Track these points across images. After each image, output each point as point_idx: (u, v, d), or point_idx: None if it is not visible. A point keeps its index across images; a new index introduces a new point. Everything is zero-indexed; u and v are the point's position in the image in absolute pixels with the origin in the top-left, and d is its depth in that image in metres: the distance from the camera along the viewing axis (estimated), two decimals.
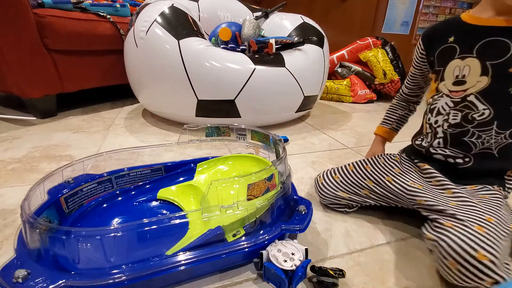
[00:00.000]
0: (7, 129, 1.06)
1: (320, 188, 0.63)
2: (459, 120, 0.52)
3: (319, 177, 0.66)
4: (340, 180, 0.62)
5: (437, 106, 0.56)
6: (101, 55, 1.32)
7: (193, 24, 1.05)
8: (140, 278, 0.38)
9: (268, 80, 1.01)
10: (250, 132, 0.72)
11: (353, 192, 0.60)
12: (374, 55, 1.76)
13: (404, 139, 0.75)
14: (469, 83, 0.50)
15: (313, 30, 1.24)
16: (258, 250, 0.45)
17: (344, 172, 0.63)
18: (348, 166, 0.64)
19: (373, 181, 0.59)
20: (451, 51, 0.52)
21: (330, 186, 0.62)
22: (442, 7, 2.65)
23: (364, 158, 0.66)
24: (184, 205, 0.58)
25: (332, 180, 0.63)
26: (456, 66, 0.52)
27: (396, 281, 0.46)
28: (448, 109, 0.54)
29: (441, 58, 0.55)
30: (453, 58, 0.52)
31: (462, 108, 0.52)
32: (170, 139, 1.02)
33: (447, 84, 0.53)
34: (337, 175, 0.63)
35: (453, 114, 0.53)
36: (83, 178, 0.57)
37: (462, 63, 0.51)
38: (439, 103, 0.55)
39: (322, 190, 0.63)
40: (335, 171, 0.64)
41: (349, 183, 0.61)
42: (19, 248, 0.40)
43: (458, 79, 0.51)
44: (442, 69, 0.54)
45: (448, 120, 0.54)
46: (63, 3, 1.15)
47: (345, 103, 1.76)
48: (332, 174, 0.64)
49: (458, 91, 0.52)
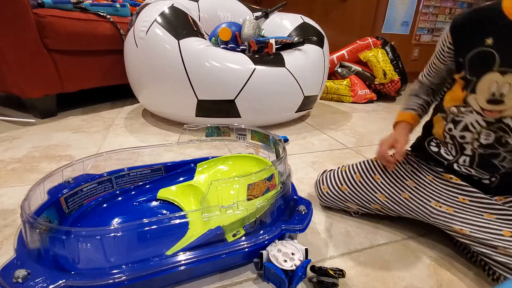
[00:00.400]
0: (7, 129, 1.06)
1: (326, 197, 0.60)
2: (491, 142, 0.45)
3: (322, 184, 0.61)
4: (349, 192, 0.57)
5: (465, 121, 0.47)
6: (101, 55, 1.32)
7: (193, 24, 1.05)
8: (140, 278, 0.38)
9: (268, 80, 1.01)
10: (250, 132, 0.72)
11: (362, 205, 0.57)
12: (374, 55, 1.76)
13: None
14: (508, 104, 0.41)
15: (313, 30, 1.24)
16: (258, 250, 0.45)
17: (351, 182, 0.57)
18: (354, 175, 0.57)
19: (386, 196, 0.53)
20: (488, 59, 0.41)
21: (337, 197, 0.58)
22: (442, 7, 2.65)
23: (369, 161, 0.59)
24: (184, 205, 0.58)
25: (339, 191, 0.58)
26: (493, 81, 0.41)
27: (396, 281, 0.46)
28: (479, 128, 0.46)
29: (474, 65, 0.44)
30: (491, 69, 0.41)
31: (496, 130, 0.44)
32: (170, 139, 1.02)
33: (480, 100, 0.44)
34: (344, 186, 0.57)
35: (485, 134, 0.45)
36: (83, 178, 0.57)
37: (502, 80, 0.40)
38: (468, 119, 0.47)
39: (327, 199, 0.60)
40: (339, 179, 0.58)
41: (358, 197, 0.56)
42: (19, 248, 0.40)
43: (495, 97, 0.42)
44: (474, 79, 0.44)
45: (479, 139, 0.46)
46: (63, 3, 1.15)
47: (345, 103, 1.76)
48: (338, 183, 0.58)
49: (493, 111, 0.43)
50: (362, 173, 0.57)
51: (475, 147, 0.47)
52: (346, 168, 0.61)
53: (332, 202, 0.60)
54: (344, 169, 0.61)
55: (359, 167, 0.59)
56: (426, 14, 2.61)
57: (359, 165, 0.59)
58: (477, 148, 0.47)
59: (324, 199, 0.61)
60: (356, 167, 0.59)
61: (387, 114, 1.53)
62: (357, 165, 0.60)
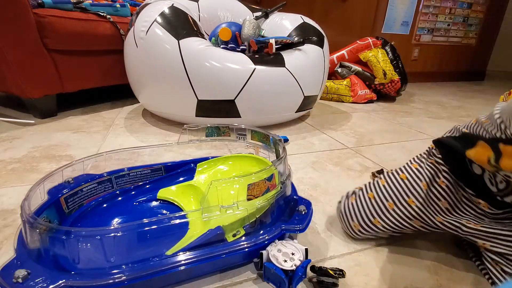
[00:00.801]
0: (7, 129, 1.06)
1: (358, 234, 0.54)
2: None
3: (351, 220, 0.54)
4: (382, 226, 0.51)
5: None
6: (101, 55, 1.32)
7: (193, 24, 1.05)
8: (140, 278, 0.38)
9: (268, 80, 1.01)
10: (250, 132, 0.72)
11: (394, 233, 0.52)
12: (374, 55, 1.76)
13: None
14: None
15: (313, 30, 1.24)
16: (258, 250, 0.45)
17: (384, 213, 0.50)
18: (387, 203, 0.50)
19: (420, 221, 0.49)
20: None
21: (370, 233, 0.53)
22: (442, 7, 2.65)
23: (398, 180, 0.52)
24: (184, 205, 0.58)
25: (372, 226, 0.52)
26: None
27: (396, 281, 0.46)
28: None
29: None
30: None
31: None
32: (170, 139, 1.02)
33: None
34: (377, 219, 0.51)
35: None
36: (83, 178, 0.57)
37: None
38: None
39: (358, 236, 0.54)
40: (370, 211, 0.51)
41: (392, 227, 0.51)
42: (19, 248, 0.40)
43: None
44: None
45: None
46: (63, 3, 1.16)
47: (345, 103, 1.76)
48: (369, 217, 0.51)
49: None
50: (395, 199, 0.50)
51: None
52: (373, 193, 0.53)
53: (365, 237, 0.54)
54: (371, 195, 0.53)
55: (390, 191, 0.51)
56: (426, 14, 2.61)
57: (389, 188, 0.52)
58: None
59: (356, 236, 0.54)
60: (386, 191, 0.52)
61: (387, 114, 1.53)
62: (386, 189, 0.52)
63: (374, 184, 0.55)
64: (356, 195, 0.56)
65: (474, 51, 3.07)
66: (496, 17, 3.03)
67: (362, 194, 0.55)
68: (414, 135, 1.20)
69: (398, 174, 0.53)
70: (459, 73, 3.10)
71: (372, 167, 0.86)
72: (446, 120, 1.47)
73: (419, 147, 1.06)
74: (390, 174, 0.54)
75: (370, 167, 0.86)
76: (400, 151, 1.00)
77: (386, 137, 1.14)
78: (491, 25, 3.01)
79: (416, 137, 1.17)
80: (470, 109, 1.78)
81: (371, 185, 0.55)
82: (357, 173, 0.82)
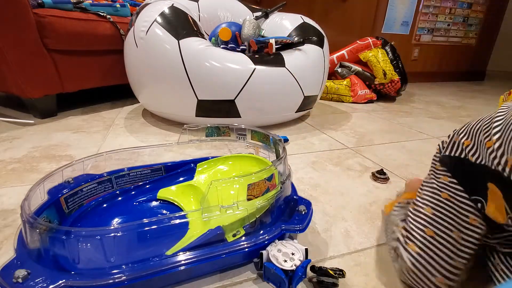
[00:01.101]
0: (7, 129, 1.06)
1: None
2: None
3: (434, 278, 0.41)
4: (463, 263, 0.42)
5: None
6: (101, 55, 1.32)
7: (193, 24, 1.05)
8: (140, 278, 0.38)
9: (268, 80, 1.01)
10: (250, 132, 0.72)
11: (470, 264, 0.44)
12: (374, 55, 1.76)
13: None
14: None
15: (313, 30, 1.24)
16: (258, 250, 0.45)
17: (458, 248, 0.41)
18: (453, 234, 0.42)
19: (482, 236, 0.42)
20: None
21: (457, 277, 0.42)
22: (442, 7, 2.65)
23: (448, 201, 0.44)
24: (184, 205, 0.58)
25: (456, 271, 0.42)
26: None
27: (396, 281, 0.46)
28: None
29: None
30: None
31: None
32: (170, 139, 1.02)
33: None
34: (457, 260, 0.41)
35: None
36: (83, 178, 0.57)
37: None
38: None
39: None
40: (446, 254, 0.41)
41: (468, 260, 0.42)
42: (19, 248, 0.40)
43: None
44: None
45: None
46: (63, 3, 1.16)
47: (345, 103, 1.76)
48: (448, 261, 0.41)
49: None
50: (457, 225, 0.42)
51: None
52: (431, 229, 0.44)
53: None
54: (431, 232, 0.43)
55: (447, 218, 0.43)
56: (426, 14, 2.61)
57: (443, 215, 0.43)
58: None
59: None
60: (443, 220, 0.43)
61: (387, 114, 1.53)
62: (441, 218, 0.43)
63: (421, 218, 0.45)
64: (413, 240, 0.44)
65: (474, 51, 3.07)
66: (496, 17, 3.03)
67: (420, 236, 0.43)
68: (414, 135, 1.20)
69: (438, 195, 0.45)
70: (459, 73, 3.11)
71: (372, 167, 0.86)
72: (446, 120, 1.47)
73: (419, 147, 1.06)
74: (430, 199, 0.46)
75: (370, 167, 0.86)
76: (400, 151, 1.00)
77: (386, 137, 1.14)
78: (491, 25, 3.01)
79: (416, 137, 1.17)
80: (470, 109, 1.78)
81: (419, 222, 0.45)
82: (357, 173, 0.82)
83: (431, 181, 0.49)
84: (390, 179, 0.79)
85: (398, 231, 0.48)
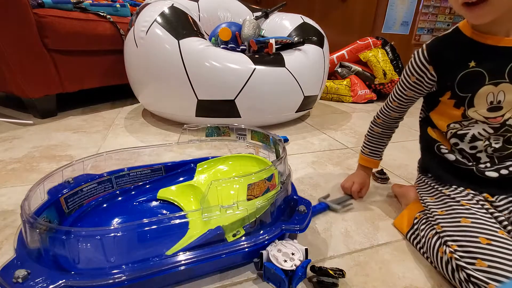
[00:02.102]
0: (7, 129, 1.06)
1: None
2: (501, 144, 0.51)
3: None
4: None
5: (471, 132, 0.52)
6: (101, 55, 1.32)
7: (193, 24, 1.05)
8: (140, 278, 0.38)
9: (268, 80, 1.01)
10: (250, 132, 0.72)
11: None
12: (374, 55, 1.76)
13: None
14: (506, 108, 0.48)
15: (313, 30, 1.24)
16: (258, 250, 0.45)
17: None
18: (498, 231, 0.43)
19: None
20: (478, 76, 0.48)
21: None
22: (442, 7, 2.65)
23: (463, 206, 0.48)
24: (184, 205, 0.58)
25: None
26: (489, 92, 0.48)
27: (396, 281, 0.46)
28: (487, 134, 0.51)
29: (465, 84, 0.50)
30: (483, 84, 0.48)
31: (503, 133, 0.50)
32: (170, 139, 1.02)
33: (481, 111, 0.50)
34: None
35: (494, 138, 0.51)
36: (83, 178, 0.57)
37: (496, 89, 0.47)
38: (474, 130, 0.51)
39: None
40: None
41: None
42: (19, 248, 0.40)
43: (493, 105, 0.48)
44: (469, 95, 0.50)
45: (491, 145, 0.51)
46: (63, 3, 1.15)
47: (345, 103, 1.76)
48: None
49: (496, 117, 0.49)
50: (487, 231, 0.43)
51: (490, 152, 0.52)
52: (484, 237, 0.42)
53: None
54: (452, 250, 0.44)
55: (479, 224, 0.44)
56: (426, 14, 2.61)
57: (474, 223, 0.45)
58: (492, 153, 0.52)
59: None
60: (480, 223, 0.44)
61: None
62: (475, 224, 0.44)
63: (457, 227, 0.46)
64: (475, 256, 0.41)
65: None
66: None
67: (475, 248, 0.42)
68: (414, 135, 1.20)
69: (458, 203, 0.49)
70: None
71: None
72: None
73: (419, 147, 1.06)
74: (449, 209, 0.50)
75: None
76: (400, 151, 1.00)
77: None
78: None
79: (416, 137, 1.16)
80: None
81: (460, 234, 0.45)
82: None
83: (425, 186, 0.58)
84: (390, 179, 0.79)
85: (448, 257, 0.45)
